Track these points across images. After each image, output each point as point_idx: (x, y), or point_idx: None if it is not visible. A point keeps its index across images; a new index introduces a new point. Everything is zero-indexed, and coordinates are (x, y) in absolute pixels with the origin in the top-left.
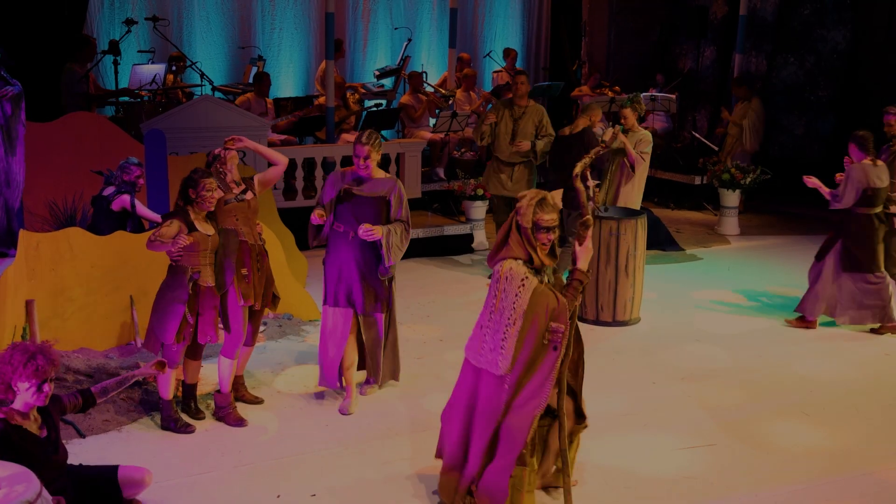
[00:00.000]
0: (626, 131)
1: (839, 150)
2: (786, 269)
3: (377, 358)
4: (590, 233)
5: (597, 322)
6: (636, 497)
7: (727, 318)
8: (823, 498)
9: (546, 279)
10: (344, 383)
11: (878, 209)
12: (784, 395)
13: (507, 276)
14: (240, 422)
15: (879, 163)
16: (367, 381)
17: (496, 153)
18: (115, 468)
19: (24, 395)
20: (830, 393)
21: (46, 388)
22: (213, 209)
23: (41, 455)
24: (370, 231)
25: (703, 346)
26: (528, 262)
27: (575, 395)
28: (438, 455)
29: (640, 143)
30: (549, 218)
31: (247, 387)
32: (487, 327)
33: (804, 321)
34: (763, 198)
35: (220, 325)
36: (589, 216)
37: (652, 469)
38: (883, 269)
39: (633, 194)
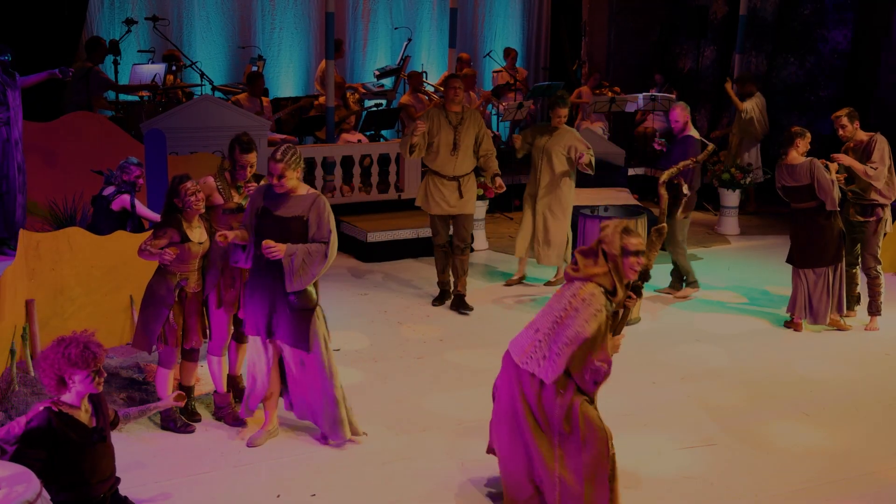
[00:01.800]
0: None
1: (839, 151)
2: (786, 268)
3: (320, 408)
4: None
5: None
6: (636, 497)
7: (727, 318)
8: (823, 498)
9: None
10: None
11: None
12: (784, 395)
13: (587, 299)
14: (239, 421)
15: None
16: (323, 438)
17: (434, 167)
18: None
19: (79, 386)
20: (830, 393)
21: (100, 375)
22: (203, 210)
23: (86, 442)
24: (270, 248)
25: (703, 346)
26: (611, 293)
27: None
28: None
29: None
30: (637, 241)
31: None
32: (546, 335)
33: (793, 321)
34: (763, 198)
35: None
36: (664, 224)
37: (652, 469)
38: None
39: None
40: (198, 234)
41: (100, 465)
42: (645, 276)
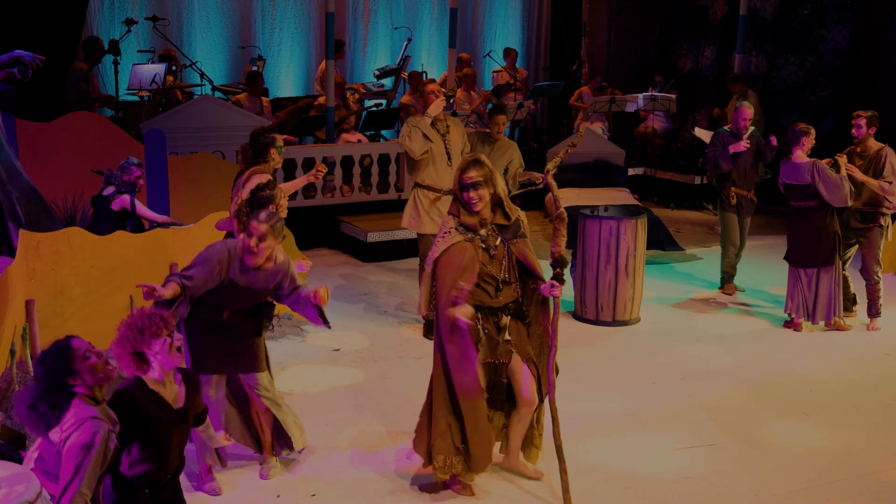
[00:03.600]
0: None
1: (839, 151)
2: (785, 268)
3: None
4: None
5: (597, 322)
6: (636, 497)
7: (727, 318)
8: (823, 498)
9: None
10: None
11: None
12: (784, 395)
13: (441, 227)
14: None
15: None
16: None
17: (429, 182)
18: None
19: (160, 358)
20: (830, 393)
21: (176, 341)
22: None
23: (166, 420)
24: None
25: (703, 346)
26: (466, 226)
27: (539, 375)
28: None
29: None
30: (472, 174)
31: None
32: None
33: (792, 321)
34: (763, 198)
35: None
36: (563, 209)
37: (652, 469)
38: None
39: None
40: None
41: (176, 446)
42: (559, 262)
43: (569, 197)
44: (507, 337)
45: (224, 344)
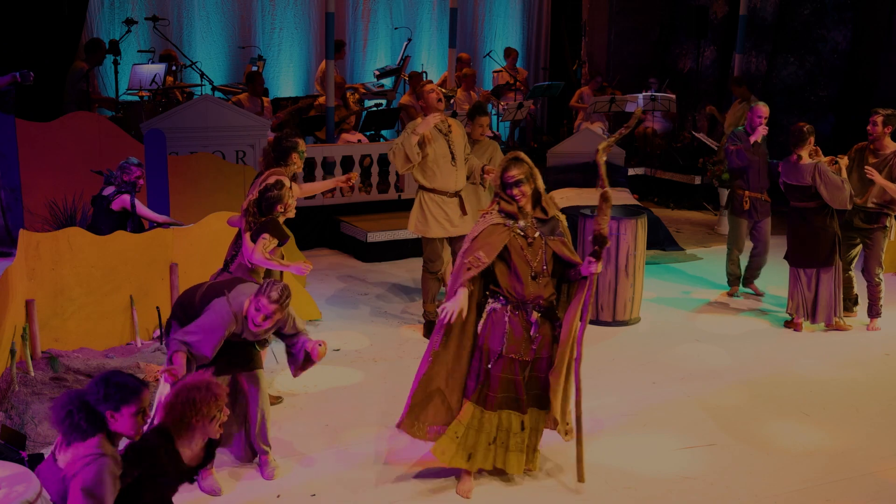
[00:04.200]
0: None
1: (839, 150)
2: (786, 269)
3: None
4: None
5: (597, 322)
6: (636, 497)
7: (727, 318)
8: (823, 498)
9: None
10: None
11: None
12: (784, 395)
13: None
14: None
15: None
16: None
17: (434, 185)
18: None
19: (201, 428)
20: (830, 393)
21: (224, 417)
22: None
23: (176, 477)
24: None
25: (703, 346)
26: (509, 215)
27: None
28: None
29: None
30: (515, 172)
31: None
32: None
33: (793, 321)
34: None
35: None
36: (607, 189)
37: (652, 469)
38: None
39: None
40: None
41: (170, 499)
42: (599, 239)
43: (569, 197)
44: (533, 334)
45: (227, 347)
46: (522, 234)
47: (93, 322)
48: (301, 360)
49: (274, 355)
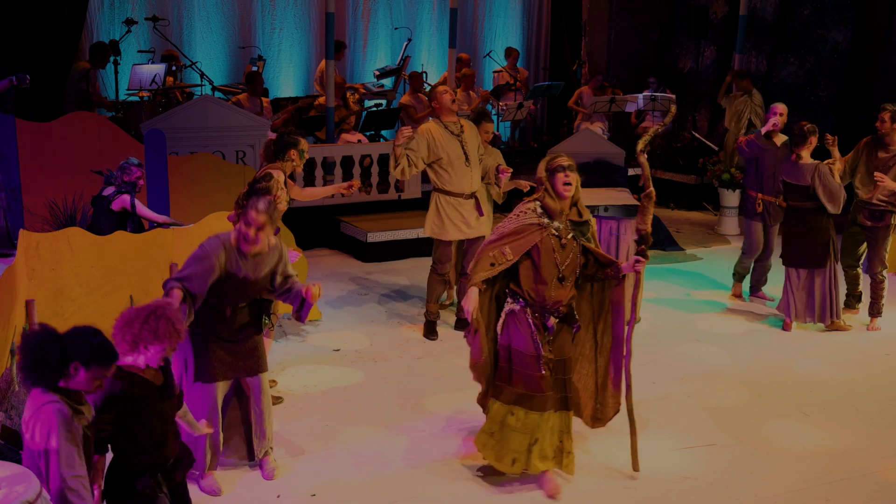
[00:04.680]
0: None
1: (839, 150)
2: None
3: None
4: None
5: None
6: (636, 497)
7: (727, 318)
8: (823, 498)
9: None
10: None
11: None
12: (784, 395)
13: (518, 207)
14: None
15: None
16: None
17: (449, 187)
18: None
19: (150, 355)
20: (830, 393)
21: (173, 350)
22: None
23: (152, 398)
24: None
25: (703, 346)
26: (548, 213)
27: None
28: None
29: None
30: (562, 159)
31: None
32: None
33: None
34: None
35: None
36: (651, 188)
37: (652, 469)
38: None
39: None
40: None
41: (169, 424)
42: (645, 239)
43: None
44: (549, 337)
45: (230, 349)
46: (556, 234)
47: (93, 322)
48: (299, 303)
49: (282, 328)
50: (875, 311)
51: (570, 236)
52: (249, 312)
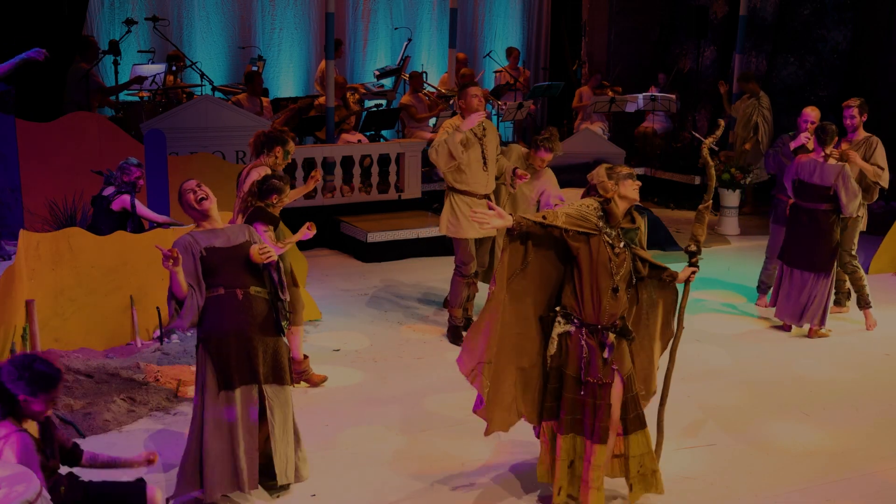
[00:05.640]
0: None
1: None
2: None
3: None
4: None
5: None
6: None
7: (727, 318)
8: (824, 498)
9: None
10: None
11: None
12: (784, 395)
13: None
14: (317, 382)
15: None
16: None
17: (465, 187)
18: (142, 486)
19: (32, 414)
20: (830, 393)
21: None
22: None
23: (42, 458)
24: (267, 252)
25: (703, 346)
26: (606, 214)
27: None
28: None
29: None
30: (626, 168)
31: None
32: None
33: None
34: (764, 198)
35: None
36: (710, 201)
37: None
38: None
39: None
40: None
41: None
42: (699, 249)
43: (570, 197)
44: (605, 356)
45: (249, 349)
46: (610, 242)
47: (93, 322)
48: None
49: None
50: (864, 302)
51: (622, 245)
52: (266, 305)
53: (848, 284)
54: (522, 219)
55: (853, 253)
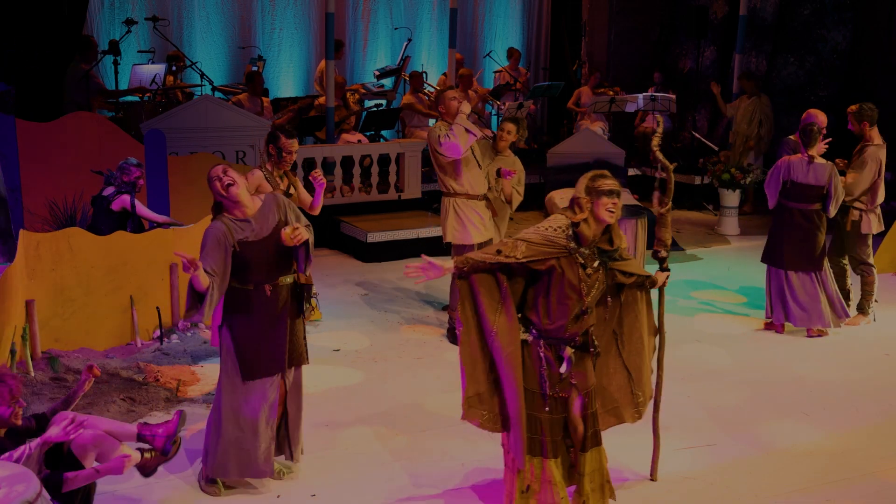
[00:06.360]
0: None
1: (839, 150)
2: None
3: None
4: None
5: None
6: (636, 497)
7: (727, 318)
8: (824, 498)
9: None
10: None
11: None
12: (784, 395)
13: (545, 222)
14: None
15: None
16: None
17: (464, 189)
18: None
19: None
20: (830, 393)
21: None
22: None
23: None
24: (299, 234)
25: (703, 346)
26: (575, 236)
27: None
28: None
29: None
30: (609, 182)
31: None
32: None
33: (772, 324)
34: (764, 198)
35: None
36: (669, 204)
37: None
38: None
39: None
40: None
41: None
42: (666, 254)
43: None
44: (564, 372)
45: (273, 341)
46: (582, 262)
47: (93, 322)
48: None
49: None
50: (863, 308)
51: (596, 264)
52: (290, 292)
53: (848, 285)
54: (467, 260)
55: (857, 258)
